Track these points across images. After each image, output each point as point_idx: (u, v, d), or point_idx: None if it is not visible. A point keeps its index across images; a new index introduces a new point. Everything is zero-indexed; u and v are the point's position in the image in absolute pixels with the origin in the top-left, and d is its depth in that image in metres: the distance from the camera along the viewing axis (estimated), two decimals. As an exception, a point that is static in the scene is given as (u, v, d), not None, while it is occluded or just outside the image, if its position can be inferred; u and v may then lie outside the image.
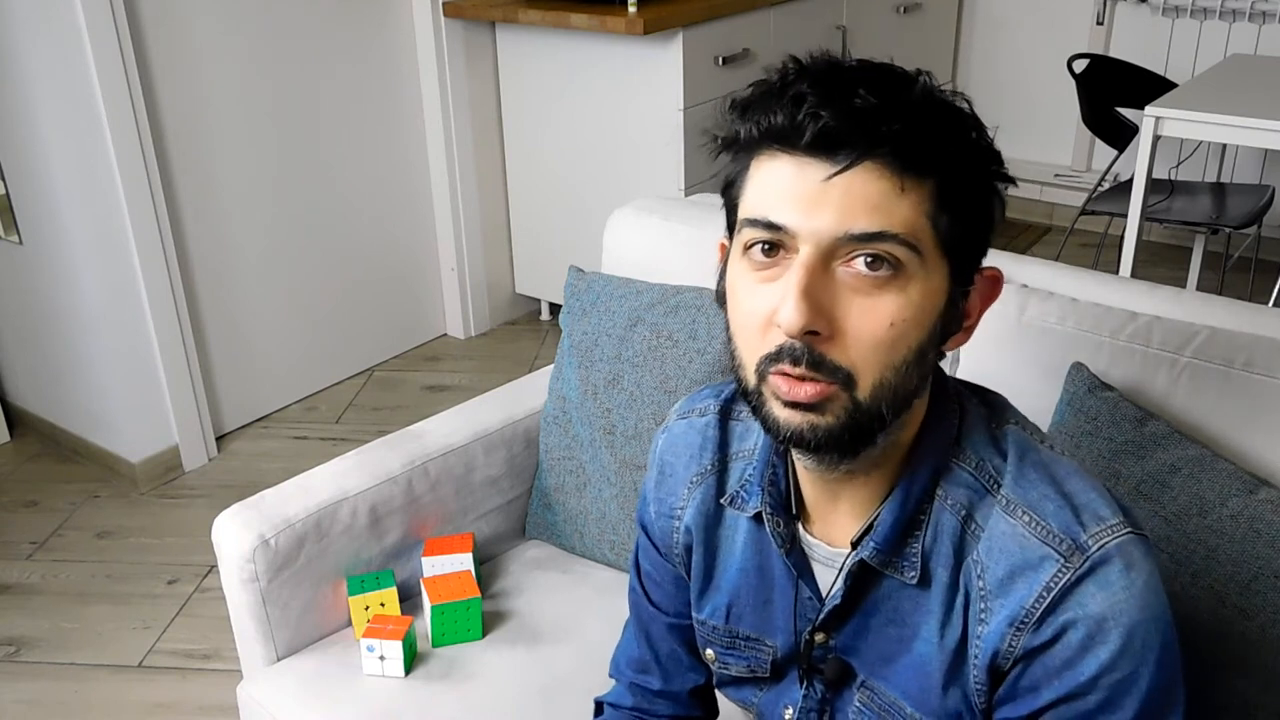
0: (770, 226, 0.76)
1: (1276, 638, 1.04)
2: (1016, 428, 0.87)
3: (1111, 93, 3.04)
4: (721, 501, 0.97)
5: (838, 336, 0.75)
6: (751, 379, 0.79)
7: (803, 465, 0.87)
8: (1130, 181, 2.67)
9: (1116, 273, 2.60)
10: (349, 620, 1.52)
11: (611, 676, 1.14)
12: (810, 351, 0.75)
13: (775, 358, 0.76)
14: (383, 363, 3.22)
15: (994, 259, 1.44)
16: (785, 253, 0.76)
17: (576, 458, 1.59)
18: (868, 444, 0.81)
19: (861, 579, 0.87)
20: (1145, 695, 0.78)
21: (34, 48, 2.29)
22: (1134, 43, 3.65)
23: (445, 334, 3.39)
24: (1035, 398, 1.26)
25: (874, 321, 0.75)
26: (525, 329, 3.42)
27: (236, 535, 1.42)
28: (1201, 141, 3.22)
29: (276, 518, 1.44)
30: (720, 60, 2.88)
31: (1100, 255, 3.39)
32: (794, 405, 0.77)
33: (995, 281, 0.85)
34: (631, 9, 2.73)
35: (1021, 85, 3.97)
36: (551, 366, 1.66)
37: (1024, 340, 1.30)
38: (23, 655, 2.16)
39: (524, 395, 1.71)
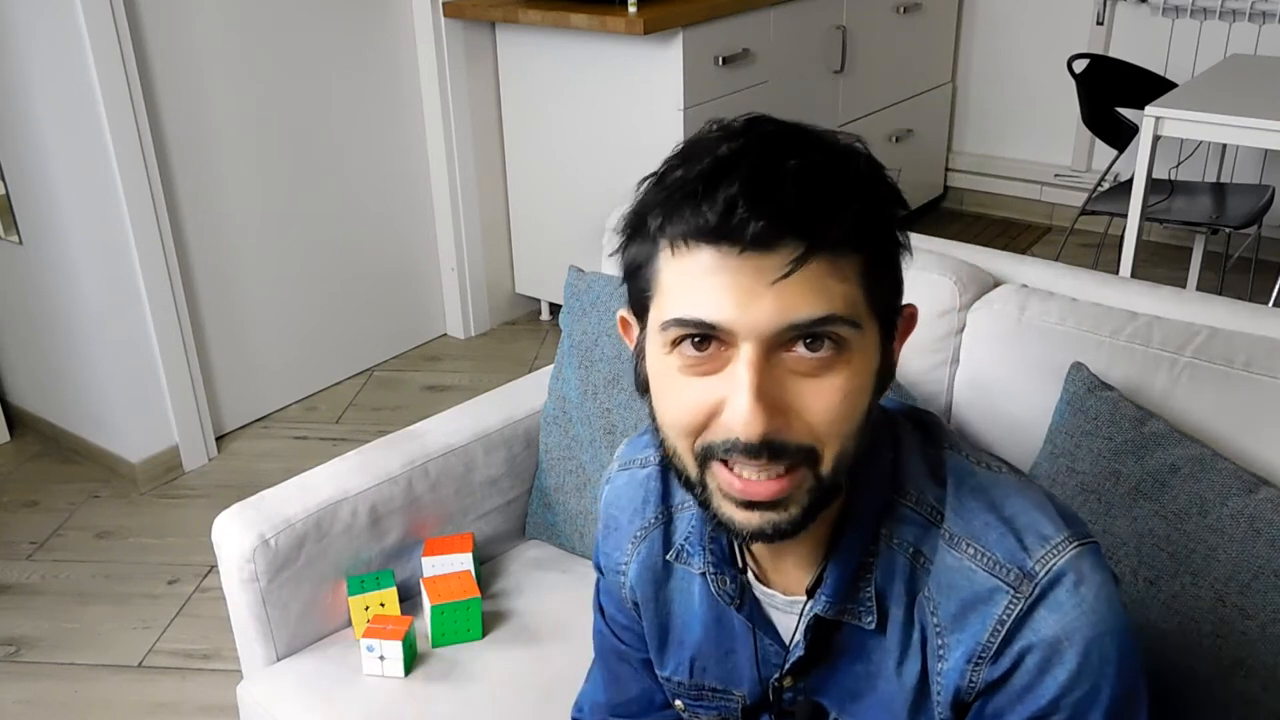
0: (704, 325, 0.71)
1: (1276, 637, 1.04)
2: (951, 451, 0.85)
3: (1111, 93, 3.04)
4: (668, 558, 0.94)
5: (794, 420, 0.73)
6: (692, 470, 0.76)
7: None
8: (1130, 181, 2.67)
9: (1116, 273, 2.60)
10: (349, 620, 1.52)
11: (574, 716, 1.12)
12: (770, 444, 0.72)
13: (725, 449, 0.73)
14: (383, 363, 3.22)
15: (994, 259, 1.46)
16: (720, 345, 0.72)
17: (576, 458, 1.59)
18: (827, 508, 0.78)
19: (821, 629, 0.86)
20: (1108, 706, 0.78)
21: (34, 48, 2.29)
22: (1134, 43, 3.65)
23: (445, 334, 3.39)
24: (1035, 398, 1.27)
25: (826, 400, 0.73)
26: (525, 329, 3.42)
27: (236, 535, 1.42)
28: (1201, 141, 3.22)
29: (276, 518, 1.44)
30: (720, 60, 2.88)
31: (1100, 255, 3.39)
32: (751, 505, 0.74)
33: (912, 318, 0.83)
34: (631, 9, 2.73)
35: (1021, 85, 3.97)
36: (551, 366, 1.66)
37: (1024, 340, 1.30)
38: (23, 655, 2.16)
39: (524, 395, 1.71)
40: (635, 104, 2.89)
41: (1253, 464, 1.14)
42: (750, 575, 0.89)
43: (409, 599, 1.54)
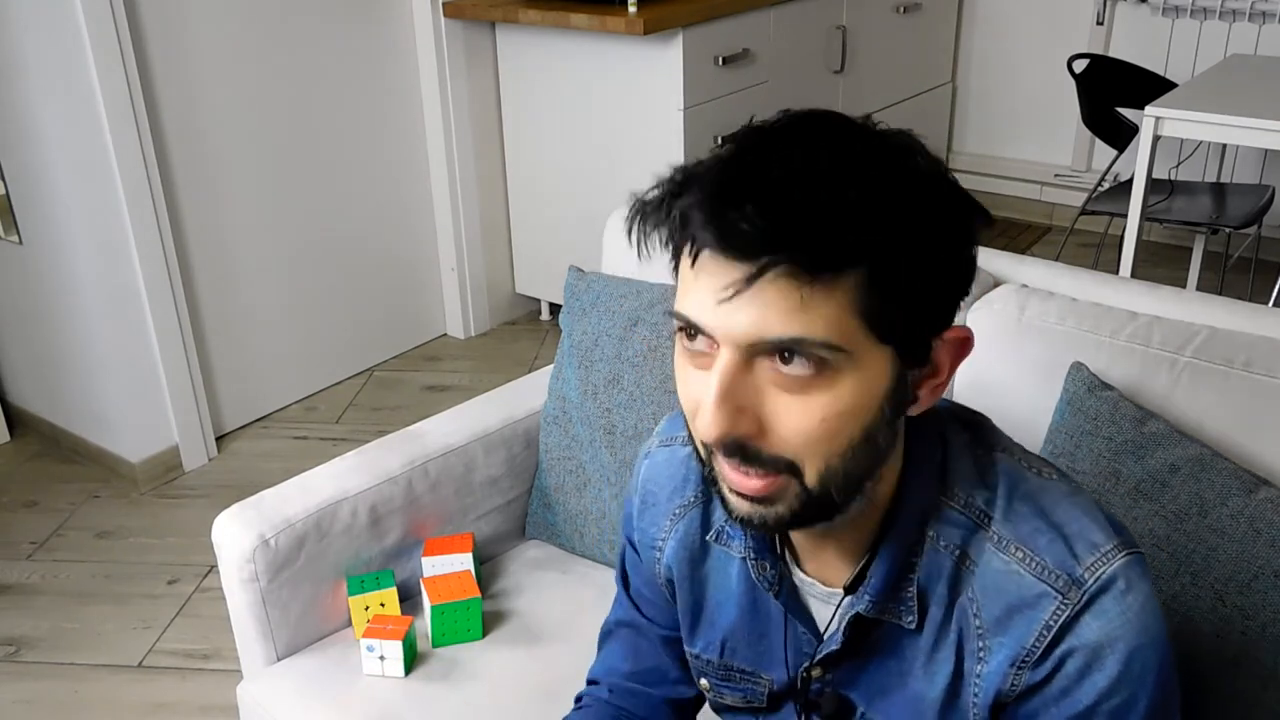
0: (689, 322, 0.74)
1: (1276, 637, 1.05)
2: (1003, 454, 0.85)
3: (1111, 93, 3.04)
4: (707, 539, 0.95)
5: (769, 433, 0.73)
6: (702, 451, 0.79)
7: None
8: (1130, 181, 2.67)
9: (1116, 273, 2.60)
10: (349, 620, 1.52)
11: (590, 683, 1.13)
12: (743, 448, 0.73)
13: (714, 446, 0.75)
14: (383, 363, 3.22)
15: (994, 259, 1.46)
16: (710, 342, 0.73)
17: (576, 458, 1.59)
18: (829, 519, 0.78)
19: (859, 625, 0.86)
20: (1144, 717, 0.78)
21: (34, 47, 2.29)
22: (1134, 43, 3.65)
23: (445, 334, 3.39)
24: (1035, 398, 1.27)
25: (803, 419, 0.72)
26: (525, 329, 3.42)
27: (236, 535, 1.42)
28: (1201, 141, 3.22)
29: (276, 518, 1.44)
30: (720, 60, 2.88)
31: (1100, 255, 3.39)
32: (742, 495, 0.76)
33: (964, 342, 0.79)
34: (631, 9, 2.73)
35: (1021, 85, 3.97)
36: (551, 366, 1.66)
37: (1024, 340, 1.30)
38: (23, 655, 2.16)
39: (524, 395, 1.71)
40: (635, 104, 2.89)
41: (1253, 464, 1.14)
42: (790, 562, 0.89)
43: (409, 599, 1.54)
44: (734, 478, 0.75)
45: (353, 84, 2.93)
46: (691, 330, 0.74)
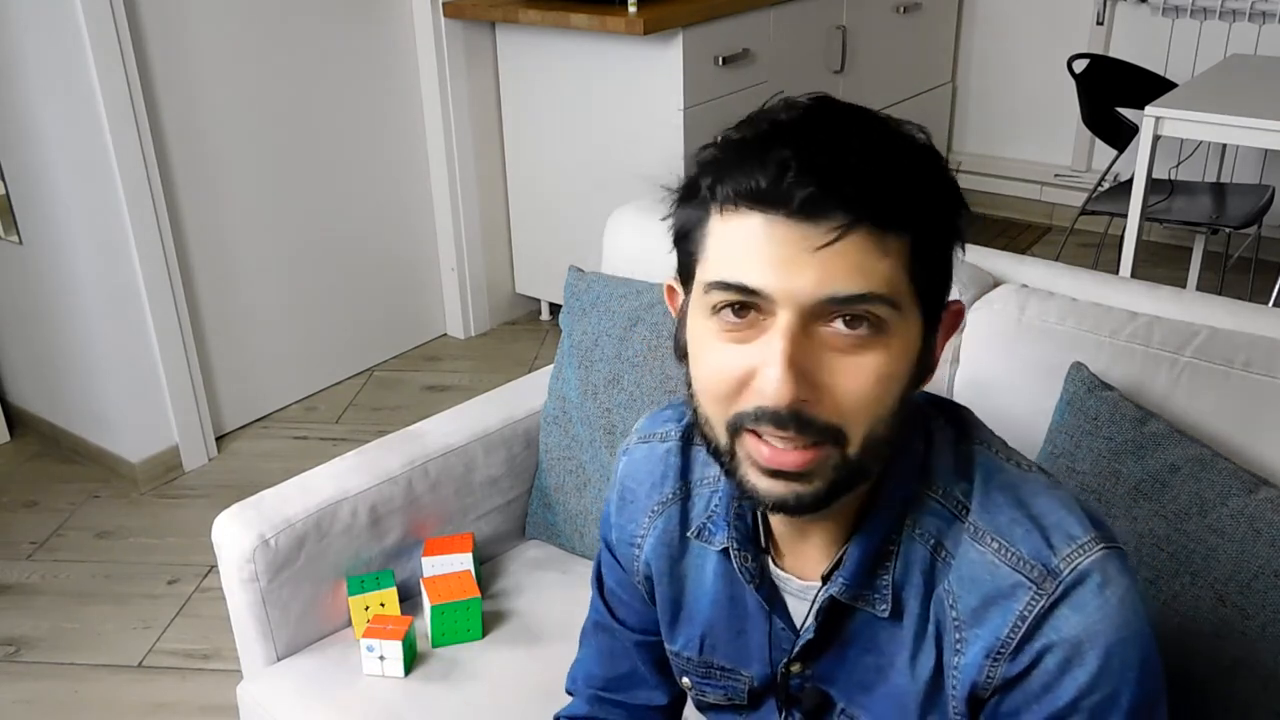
0: (745, 290, 0.72)
1: (1276, 637, 1.04)
2: (982, 447, 0.85)
3: (1111, 93, 3.04)
4: (688, 535, 0.95)
5: (824, 397, 0.73)
6: (723, 438, 0.77)
7: None
8: (1130, 181, 2.67)
9: (1116, 273, 2.60)
10: (349, 620, 1.52)
11: (569, 691, 1.13)
12: (798, 416, 0.72)
13: (755, 418, 0.74)
14: (383, 363, 3.22)
15: (994, 259, 1.46)
16: (759, 314, 0.73)
17: (576, 458, 1.59)
18: (849, 490, 0.79)
19: (834, 613, 0.86)
20: (1128, 713, 0.77)
21: (34, 48, 2.29)
22: (1134, 43, 3.65)
23: (445, 334, 3.39)
24: (1035, 398, 1.27)
25: (860, 380, 0.73)
26: (525, 329, 3.42)
27: (236, 535, 1.42)
28: (1201, 141, 3.22)
29: (276, 518, 1.44)
30: (720, 60, 2.88)
31: (1100, 255, 3.39)
32: (777, 474, 0.75)
33: (958, 314, 0.83)
34: (631, 9, 2.73)
35: (1021, 85, 3.97)
36: (551, 366, 1.66)
37: (1024, 340, 1.30)
38: (23, 655, 2.16)
39: (524, 395, 1.71)
40: (635, 104, 2.89)
41: (1253, 464, 1.14)
42: (769, 558, 0.89)
43: (409, 599, 1.54)
44: (768, 453, 0.74)
45: (353, 84, 2.93)
46: (741, 301, 0.73)
